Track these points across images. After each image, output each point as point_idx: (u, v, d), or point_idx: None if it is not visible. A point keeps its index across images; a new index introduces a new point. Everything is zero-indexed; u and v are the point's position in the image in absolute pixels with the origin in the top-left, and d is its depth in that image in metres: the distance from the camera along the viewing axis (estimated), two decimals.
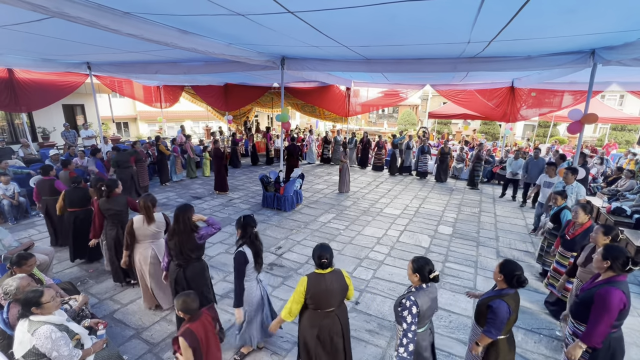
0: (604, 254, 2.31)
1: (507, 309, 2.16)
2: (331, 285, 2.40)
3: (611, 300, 2.17)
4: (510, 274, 2.21)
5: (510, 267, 2.23)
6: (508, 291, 2.25)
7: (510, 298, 2.22)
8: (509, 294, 2.24)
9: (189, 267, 3.08)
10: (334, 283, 2.42)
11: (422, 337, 2.30)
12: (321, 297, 2.39)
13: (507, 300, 2.19)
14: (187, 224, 2.99)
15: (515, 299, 2.26)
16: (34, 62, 7.16)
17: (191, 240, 3.01)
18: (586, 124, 5.23)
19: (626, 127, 18.63)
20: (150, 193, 3.62)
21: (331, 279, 2.41)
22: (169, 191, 9.09)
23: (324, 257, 2.40)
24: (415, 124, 25.35)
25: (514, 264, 2.24)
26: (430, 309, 2.26)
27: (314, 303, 2.41)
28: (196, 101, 15.14)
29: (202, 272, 3.18)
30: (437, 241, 6.04)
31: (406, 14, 3.26)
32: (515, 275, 2.19)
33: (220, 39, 4.93)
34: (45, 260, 4.16)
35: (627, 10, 3.07)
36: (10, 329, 2.57)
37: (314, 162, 14.08)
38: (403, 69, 6.16)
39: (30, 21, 3.85)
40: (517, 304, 2.28)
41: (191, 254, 3.06)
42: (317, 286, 2.38)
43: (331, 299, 2.41)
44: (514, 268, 2.21)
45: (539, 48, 4.87)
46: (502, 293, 2.26)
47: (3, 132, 11.59)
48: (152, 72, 7.60)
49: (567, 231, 3.79)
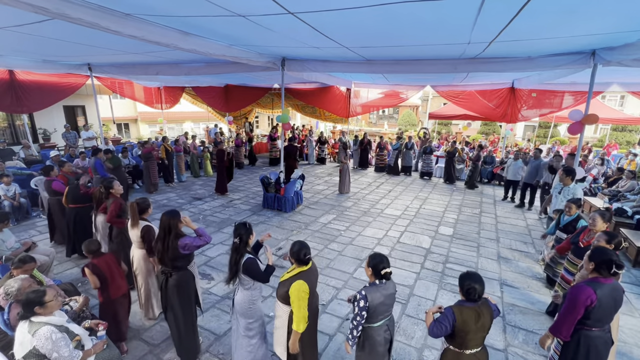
0: (591, 255, 2.35)
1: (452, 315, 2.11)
2: (316, 273, 2.61)
3: (578, 295, 2.25)
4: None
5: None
6: (462, 303, 2.18)
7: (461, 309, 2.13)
8: (461, 305, 2.16)
9: (173, 276, 2.92)
10: (316, 272, 2.62)
11: (376, 332, 2.37)
12: (314, 289, 2.55)
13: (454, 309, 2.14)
14: (171, 230, 2.82)
15: (468, 311, 2.12)
16: (35, 63, 7.18)
17: (174, 249, 2.82)
18: (587, 125, 5.23)
19: (627, 128, 18.62)
20: (147, 198, 3.54)
21: (314, 269, 2.57)
22: (169, 192, 9.10)
23: (308, 254, 2.46)
24: (415, 124, 25.36)
25: None
26: (383, 305, 2.31)
27: (310, 298, 2.46)
28: (197, 102, 15.16)
29: (185, 284, 2.98)
30: (438, 242, 6.04)
31: (406, 14, 3.26)
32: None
33: (221, 40, 4.94)
34: (46, 261, 4.17)
35: (627, 10, 3.07)
36: (11, 330, 2.57)
37: (314, 163, 14.09)
38: (403, 69, 6.17)
39: (32, 23, 3.86)
40: (473, 318, 2.11)
41: (174, 262, 2.88)
42: (312, 281, 2.50)
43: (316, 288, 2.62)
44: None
45: (539, 49, 4.87)
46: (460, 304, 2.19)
47: (4, 133, 11.61)
48: (152, 73, 7.61)
49: (582, 238, 3.56)
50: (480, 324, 2.11)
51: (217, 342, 3.42)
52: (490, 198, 9.18)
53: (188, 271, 3.05)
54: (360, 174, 12.02)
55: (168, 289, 2.95)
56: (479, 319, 2.11)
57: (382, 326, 2.40)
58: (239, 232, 2.59)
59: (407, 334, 3.59)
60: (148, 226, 3.42)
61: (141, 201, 3.45)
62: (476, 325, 2.10)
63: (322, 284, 4.54)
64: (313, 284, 2.52)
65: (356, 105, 12.32)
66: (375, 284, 2.33)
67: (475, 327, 2.11)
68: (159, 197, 8.45)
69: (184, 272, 3.00)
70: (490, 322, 2.17)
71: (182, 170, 10.43)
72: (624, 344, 3.50)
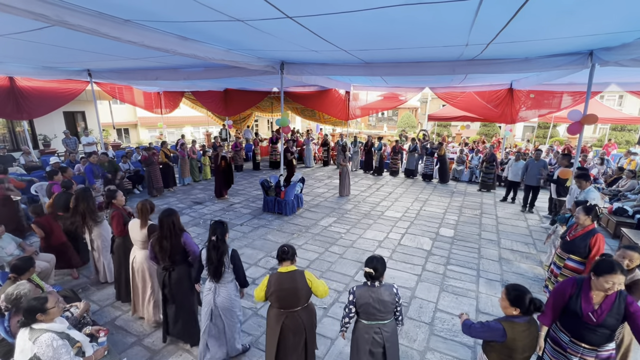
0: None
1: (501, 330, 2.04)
2: (291, 284, 2.51)
3: (560, 285, 2.39)
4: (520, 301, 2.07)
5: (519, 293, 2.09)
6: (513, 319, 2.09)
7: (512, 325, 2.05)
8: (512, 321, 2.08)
9: (175, 270, 3.12)
10: (295, 282, 2.52)
11: (365, 329, 2.48)
12: (280, 296, 2.52)
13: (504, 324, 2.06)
14: (173, 227, 3.04)
15: (518, 328, 2.03)
16: (35, 69, 7.21)
17: (178, 244, 3.07)
18: (586, 125, 5.23)
19: (626, 127, 18.64)
20: (148, 199, 3.61)
21: (292, 277, 2.53)
22: (169, 197, 9.09)
23: (282, 253, 2.58)
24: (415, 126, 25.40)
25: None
26: (368, 306, 2.40)
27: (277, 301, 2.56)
28: (196, 107, 15.21)
29: (188, 275, 3.19)
30: (439, 244, 6.02)
31: (404, 17, 3.28)
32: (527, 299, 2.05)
33: (220, 45, 4.96)
34: (46, 267, 4.16)
35: (624, 11, 3.09)
36: (11, 337, 2.56)
37: (312, 166, 14.08)
38: (402, 72, 6.19)
39: (32, 30, 3.89)
40: (523, 336, 2.02)
41: (176, 257, 3.10)
42: (277, 284, 2.52)
43: (292, 299, 2.54)
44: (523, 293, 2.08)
45: (536, 50, 4.89)
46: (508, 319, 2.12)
47: (4, 139, 11.63)
48: (152, 78, 7.65)
49: (569, 233, 3.71)
50: (528, 341, 2.03)
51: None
52: (491, 199, 9.17)
53: (187, 263, 3.23)
54: (360, 176, 12.02)
55: (171, 283, 3.14)
56: (529, 335, 2.02)
57: (372, 326, 2.48)
58: (218, 230, 2.79)
59: (409, 337, 3.57)
60: (153, 225, 3.51)
61: (150, 202, 3.56)
62: (525, 342, 2.01)
63: None
64: (277, 287, 2.51)
65: (355, 107, 12.34)
66: (366, 284, 2.48)
67: (524, 344, 2.01)
68: (159, 202, 8.44)
69: (185, 264, 3.19)
70: (536, 341, 2.11)
71: (186, 174, 10.46)
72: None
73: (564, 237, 3.74)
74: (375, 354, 2.50)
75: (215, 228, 2.80)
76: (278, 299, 2.51)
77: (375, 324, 2.48)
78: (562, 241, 3.70)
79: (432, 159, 11.28)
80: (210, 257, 2.79)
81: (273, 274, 2.58)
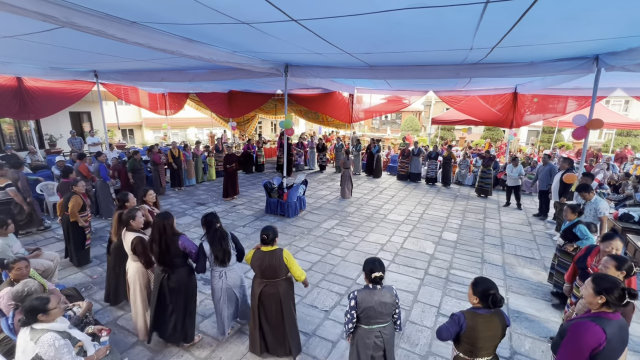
0: (595, 287, 1.94)
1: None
2: (270, 261, 2.94)
3: (583, 336, 1.84)
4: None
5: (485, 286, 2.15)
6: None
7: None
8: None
9: (174, 272, 3.13)
10: (273, 259, 2.94)
11: (366, 334, 2.48)
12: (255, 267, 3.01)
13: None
14: (164, 231, 3.03)
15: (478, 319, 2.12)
16: (42, 70, 7.30)
17: (174, 247, 3.06)
18: (591, 130, 5.19)
19: (632, 133, 18.49)
20: (135, 208, 3.49)
21: (271, 255, 2.95)
22: (173, 197, 9.13)
23: (264, 233, 2.96)
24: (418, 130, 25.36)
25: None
26: (372, 310, 2.40)
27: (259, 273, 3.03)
28: (201, 108, 15.29)
29: (188, 277, 3.20)
30: (442, 247, 5.99)
31: (409, 21, 3.28)
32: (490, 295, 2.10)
33: (225, 47, 5.00)
34: (50, 266, 4.19)
35: (630, 15, 3.07)
36: (15, 334, 2.57)
37: (314, 169, 14.07)
38: (406, 75, 6.19)
39: (40, 31, 3.94)
40: (484, 326, 2.10)
41: (174, 260, 3.11)
42: (257, 260, 2.98)
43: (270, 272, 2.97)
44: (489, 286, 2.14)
45: (542, 54, 4.87)
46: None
47: (11, 139, 11.76)
48: (157, 79, 7.70)
49: (590, 263, 3.13)
50: (491, 332, 2.09)
51: (219, 348, 3.40)
52: (495, 203, 9.12)
53: (187, 266, 3.24)
54: (363, 179, 11.99)
55: (170, 287, 3.13)
56: (490, 326, 2.09)
57: (372, 330, 2.47)
58: (215, 220, 3.17)
59: (411, 341, 3.55)
60: (138, 237, 3.21)
61: (127, 212, 3.36)
62: (486, 333, 2.08)
63: (325, 290, 4.51)
64: (259, 263, 2.98)
65: (359, 110, 12.35)
66: (368, 287, 2.46)
67: (485, 334, 2.08)
68: (162, 202, 8.46)
69: (184, 267, 3.20)
70: (502, 331, 2.14)
71: (191, 174, 10.54)
72: None
73: (583, 266, 3.17)
74: (376, 358, 2.50)
75: (212, 219, 3.16)
76: (259, 270, 2.99)
77: (376, 328, 2.48)
78: (582, 271, 3.17)
79: (435, 162, 11.24)
80: (218, 245, 3.11)
81: (257, 250, 3.02)
